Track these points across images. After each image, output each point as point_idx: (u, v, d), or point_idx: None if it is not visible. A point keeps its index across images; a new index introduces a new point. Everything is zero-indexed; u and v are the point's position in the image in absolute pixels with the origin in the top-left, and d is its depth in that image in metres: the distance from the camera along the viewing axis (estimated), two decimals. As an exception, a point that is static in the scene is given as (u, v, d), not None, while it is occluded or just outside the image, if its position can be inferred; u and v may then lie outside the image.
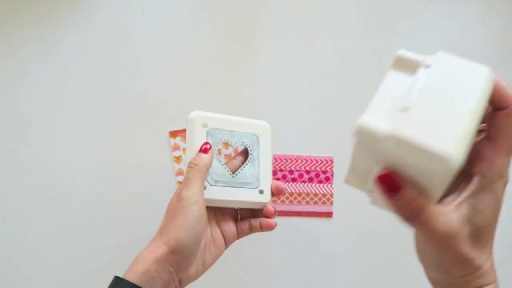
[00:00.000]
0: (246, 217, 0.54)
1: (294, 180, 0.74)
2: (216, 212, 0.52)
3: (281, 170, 0.73)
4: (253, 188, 0.54)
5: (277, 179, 0.74)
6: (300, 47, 0.73)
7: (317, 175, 0.74)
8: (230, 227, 0.52)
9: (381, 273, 0.76)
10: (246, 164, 0.55)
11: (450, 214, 0.29)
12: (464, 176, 0.30)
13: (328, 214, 0.75)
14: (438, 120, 0.28)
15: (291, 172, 0.74)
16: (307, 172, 0.74)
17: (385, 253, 0.76)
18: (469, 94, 0.30)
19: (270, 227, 0.54)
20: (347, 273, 0.76)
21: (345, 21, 0.72)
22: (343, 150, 0.74)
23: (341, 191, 0.75)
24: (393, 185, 0.29)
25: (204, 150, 0.49)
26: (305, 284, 0.76)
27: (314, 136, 0.72)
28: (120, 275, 0.43)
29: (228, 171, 0.53)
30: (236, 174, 0.54)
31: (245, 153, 0.54)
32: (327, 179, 0.74)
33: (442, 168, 0.27)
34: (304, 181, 0.74)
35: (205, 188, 0.50)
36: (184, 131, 0.72)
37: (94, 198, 0.74)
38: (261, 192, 0.55)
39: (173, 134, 0.73)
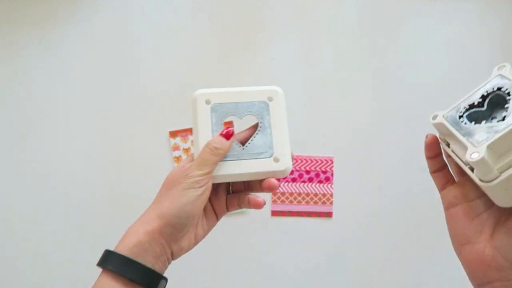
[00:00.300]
0: (238, 191, 0.51)
1: (294, 180, 0.74)
2: None
3: (281, 170, 0.73)
4: (267, 157, 0.52)
5: (277, 179, 0.74)
6: (300, 47, 0.73)
7: (317, 175, 0.74)
8: (221, 201, 0.51)
9: (380, 273, 0.76)
10: (257, 134, 0.53)
11: None
12: None
13: (328, 214, 0.75)
14: None
15: (291, 172, 0.74)
16: (307, 172, 0.74)
17: (384, 253, 0.76)
18: None
19: (258, 205, 0.51)
20: (347, 272, 0.76)
21: (345, 21, 0.72)
22: (343, 150, 0.74)
23: (341, 191, 0.75)
24: None
25: (226, 134, 0.49)
26: (305, 284, 0.76)
27: (314, 136, 0.72)
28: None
29: (237, 143, 0.52)
30: (246, 146, 0.52)
31: (256, 126, 0.52)
32: (327, 179, 0.74)
33: None
34: (304, 181, 0.74)
35: None
36: (184, 131, 0.72)
37: (93, 197, 0.74)
38: (276, 160, 0.52)
39: (173, 134, 0.73)
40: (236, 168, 0.50)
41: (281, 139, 0.53)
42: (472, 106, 0.44)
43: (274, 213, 0.75)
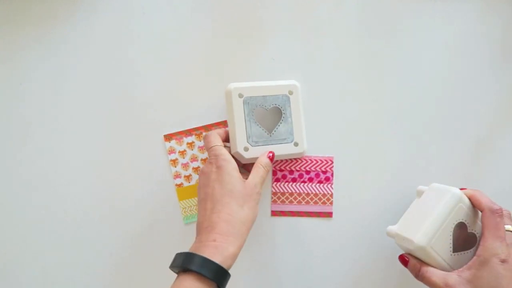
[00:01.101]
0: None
1: (294, 180, 0.74)
2: None
3: (281, 170, 0.73)
4: (289, 142, 0.65)
5: (277, 179, 0.74)
6: (300, 47, 0.73)
7: (317, 175, 0.74)
8: None
9: (381, 273, 0.76)
10: (280, 123, 0.64)
11: (450, 275, 0.52)
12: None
13: (328, 214, 0.75)
14: (414, 222, 0.58)
15: (291, 172, 0.74)
16: (307, 172, 0.74)
17: (385, 253, 0.76)
18: (436, 207, 0.56)
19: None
20: (347, 273, 0.76)
21: (345, 21, 0.72)
22: (343, 150, 0.74)
23: (341, 191, 0.75)
24: (404, 260, 0.60)
25: (270, 157, 0.64)
26: (305, 284, 0.76)
27: (314, 136, 0.72)
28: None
29: (265, 131, 0.64)
30: (273, 133, 0.64)
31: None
32: (327, 179, 0.74)
33: (414, 246, 0.55)
34: (304, 181, 0.74)
35: (247, 149, 0.62)
36: (178, 133, 0.72)
37: (90, 200, 0.74)
38: (295, 144, 0.66)
39: (168, 137, 0.73)
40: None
41: (299, 126, 0.66)
42: None
43: (274, 213, 0.75)
